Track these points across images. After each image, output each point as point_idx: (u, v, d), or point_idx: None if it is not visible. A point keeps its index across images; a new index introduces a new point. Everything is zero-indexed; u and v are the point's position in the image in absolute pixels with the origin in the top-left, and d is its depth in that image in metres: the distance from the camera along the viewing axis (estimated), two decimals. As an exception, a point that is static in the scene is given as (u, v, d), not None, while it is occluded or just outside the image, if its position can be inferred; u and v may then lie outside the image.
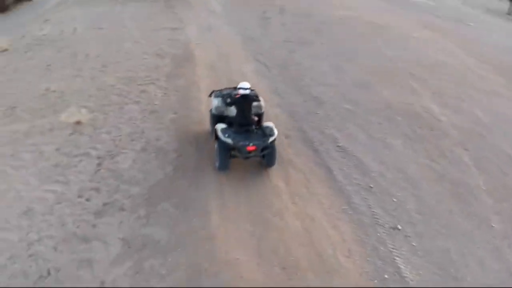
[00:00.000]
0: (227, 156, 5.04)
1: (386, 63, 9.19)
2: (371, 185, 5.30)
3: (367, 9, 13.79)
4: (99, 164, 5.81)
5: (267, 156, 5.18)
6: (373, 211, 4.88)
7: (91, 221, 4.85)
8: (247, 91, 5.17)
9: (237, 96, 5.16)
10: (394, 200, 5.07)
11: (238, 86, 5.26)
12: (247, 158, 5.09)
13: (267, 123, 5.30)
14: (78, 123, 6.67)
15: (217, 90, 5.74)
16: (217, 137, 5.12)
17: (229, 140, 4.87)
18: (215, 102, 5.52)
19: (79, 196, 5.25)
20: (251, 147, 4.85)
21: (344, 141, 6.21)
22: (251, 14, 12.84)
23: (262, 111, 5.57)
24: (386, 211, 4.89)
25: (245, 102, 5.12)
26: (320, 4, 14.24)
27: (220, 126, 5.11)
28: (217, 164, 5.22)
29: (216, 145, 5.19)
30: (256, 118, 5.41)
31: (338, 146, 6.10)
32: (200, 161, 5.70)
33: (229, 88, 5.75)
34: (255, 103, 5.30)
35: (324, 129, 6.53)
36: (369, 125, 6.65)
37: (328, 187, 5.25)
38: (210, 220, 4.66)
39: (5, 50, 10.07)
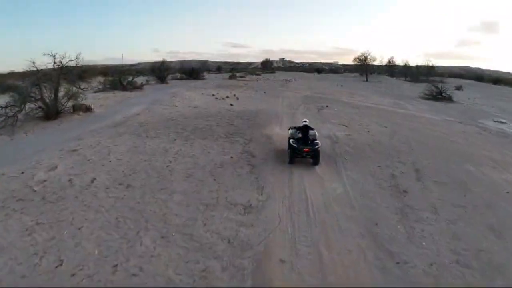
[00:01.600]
0: (293, 155, 8.59)
1: None
2: None
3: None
4: None
5: (314, 157, 8.60)
6: None
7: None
8: (307, 123, 9.27)
9: (302, 124, 9.30)
10: None
11: (302, 120, 9.62)
12: (303, 157, 8.61)
13: (316, 141, 8.91)
14: None
15: (293, 126, 9.75)
16: (289, 147, 8.76)
17: (295, 145, 8.62)
18: (291, 131, 9.38)
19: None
20: (306, 149, 8.51)
21: None
22: (374, 180, 7.83)
23: (316, 137, 9.10)
24: None
25: (305, 128, 9.09)
26: (460, 157, 9.94)
27: (292, 140, 8.84)
28: (288, 161, 8.70)
29: (288, 151, 8.87)
30: (311, 138, 9.02)
31: None
32: None
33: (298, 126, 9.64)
34: (311, 131, 9.13)
35: None
36: None
37: None
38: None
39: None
